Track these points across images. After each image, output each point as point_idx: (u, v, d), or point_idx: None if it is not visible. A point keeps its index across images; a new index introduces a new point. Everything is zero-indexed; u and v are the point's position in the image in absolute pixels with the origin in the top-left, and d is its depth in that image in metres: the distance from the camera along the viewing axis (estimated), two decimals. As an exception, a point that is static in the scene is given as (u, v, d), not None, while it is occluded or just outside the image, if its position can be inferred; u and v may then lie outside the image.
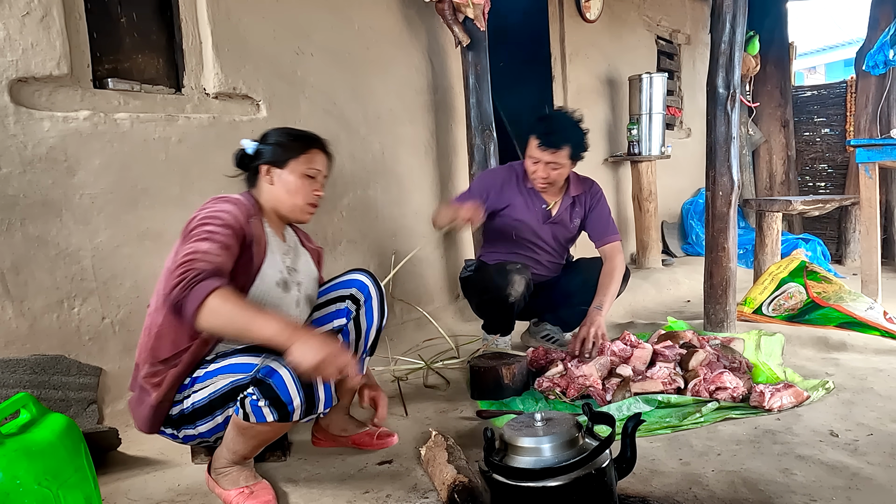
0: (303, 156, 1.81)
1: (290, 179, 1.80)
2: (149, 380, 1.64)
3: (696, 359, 2.38)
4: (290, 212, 1.84)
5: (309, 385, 1.51)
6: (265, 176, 1.81)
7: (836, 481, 1.65)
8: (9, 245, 2.11)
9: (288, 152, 1.81)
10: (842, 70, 14.60)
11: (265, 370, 1.51)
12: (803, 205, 4.27)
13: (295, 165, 1.80)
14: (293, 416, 1.53)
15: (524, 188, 2.88)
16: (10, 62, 2.11)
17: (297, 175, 1.80)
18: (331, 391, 1.58)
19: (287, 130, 1.89)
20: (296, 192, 1.81)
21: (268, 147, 1.82)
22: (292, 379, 1.50)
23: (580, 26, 4.85)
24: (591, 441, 1.35)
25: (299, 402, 1.51)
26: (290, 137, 1.84)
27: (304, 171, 1.81)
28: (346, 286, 1.95)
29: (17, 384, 2.01)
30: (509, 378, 2.38)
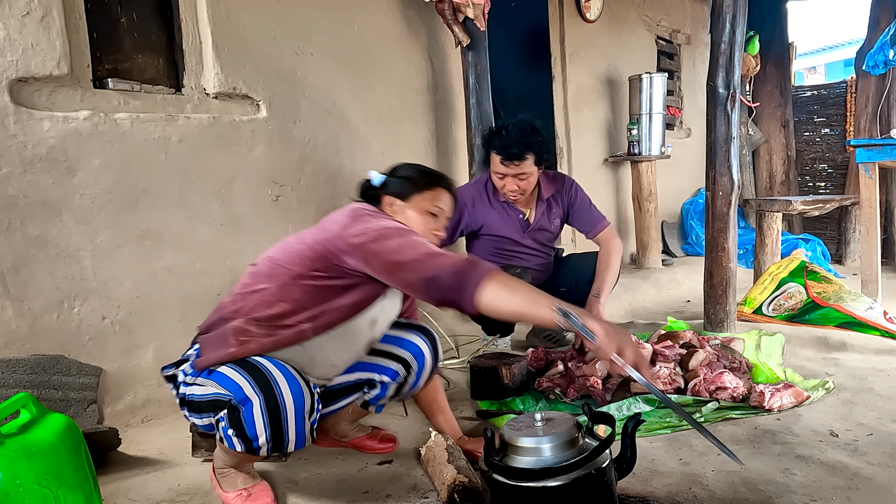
0: (428, 192, 1.77)
1: (412, 215, 1.76)
2: (237, 335, 1.58)
3: (696, 359, 2.38)
4: None
5: (278, 423, 1.45)
6: (388, 207, 1.78)
7: (836, 481, 1.65)
8: (9, 245, 2.11)
9: (413, 187, 1.77)
10: (842, 70, 14.60)
11: (240, 397, 1.46)
12: (803, 205, 4.27)
13: (419, 200, 1.76)
14: (259, 452, 1.49)
15: (496, 202, 2.84)
16: (10, 62, 2.11)
17: (420, 211, 1.76)
18: (304, 432, 1.51)
19: (417, 165, 1.87)
20: (416, 227, 1.72)
21: (395, 179, 1.80)
22: (262, 414, 1.44)
23: (580, 26, 4.85)
24: (591, 441, 1.35)
25: (265, 440, 1.46)
26: (418, 172, 1.82)
27: (428, 207, 1.76)
28: (405, 347, 1.86)
29: (17, 384, 2.02)
30: (509, 378, 2.38)
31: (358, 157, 3.32)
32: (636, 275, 4.78)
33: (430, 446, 1.81)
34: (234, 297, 1.68)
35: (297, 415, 1.48)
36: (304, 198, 3.04)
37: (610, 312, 3.80)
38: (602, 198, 5.17)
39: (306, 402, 1.51)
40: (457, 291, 1.41)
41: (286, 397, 1.47)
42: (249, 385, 1.47)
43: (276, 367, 1.52)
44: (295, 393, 1.48)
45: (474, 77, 3.54)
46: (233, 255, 2.73)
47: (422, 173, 1.82)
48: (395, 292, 1.80)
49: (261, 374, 1.49)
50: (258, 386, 1.46)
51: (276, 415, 1.45)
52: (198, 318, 2.54)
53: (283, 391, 1.47)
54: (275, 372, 1.50)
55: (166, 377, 1.74)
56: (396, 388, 1.88)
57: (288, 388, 1.48)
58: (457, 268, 1.42)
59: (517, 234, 2.87)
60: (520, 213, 2.87)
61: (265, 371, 1.50)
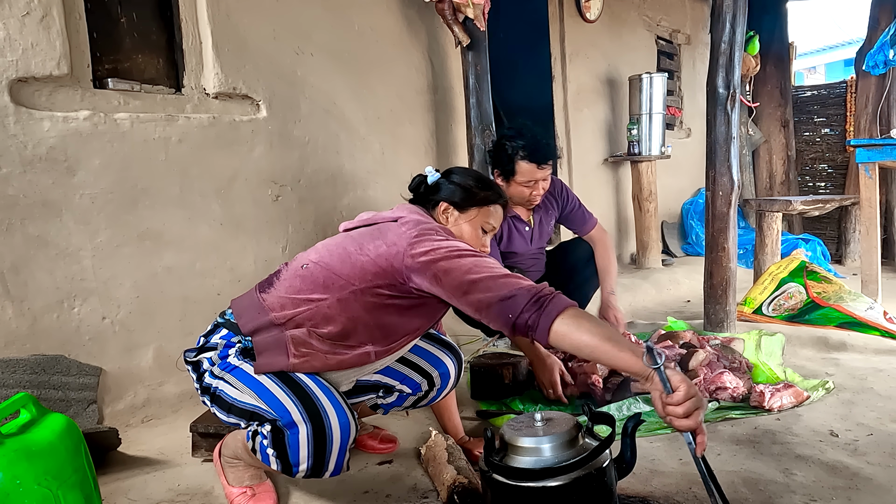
0: (487, 207, 1.73)
1: (466, 227, 1.72)
2: (297, 346, 1.52)
3: (696, 359, 2.38)
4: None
5: (322, 452, 1.43)
6: (442, 213, 1.73)
7: (836, 481, 1.65)
8: (9, 245, 2.11)
9: (474, 199, 1.72)
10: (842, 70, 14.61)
11: (286, 420, 1.43)
12: (803, 205, 4.27)
13: (476, 214, 1.72)
14: (296, 475, 1.47)
15: (506, 220, 2.78)
16: (10, 62, 2.11)
17: (475, 225, 1.72)
18: (342, 462, 1.48)
19: (475, 173, 1.81)
20: (467, 240, 1.67)
21: (453, 185, 1.74)
22: (308, 442, 1.42)
23: (580, 26, 4.85)
24: (591, 441, 1.35)
25: (306, 467, 1.44)
26: (480, 185, 1.75)
27: (483, 222, 1.73)
28: (433, 364, 1.83)
29: (17, 384, 2.02)
30: (509, 378, 2.38)
31: (358, 157, 3.32)
32: (636, 275, 4.78)
33: (430, 446, 1.81)
34: (282, 300, 1.57)
35: (341, 447, 1.45)
36: (304, 198, 3.04)
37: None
38: (602, 198, 5.17)
39: (351, 435, 1.48)
40: (535, 313, 1.31)
41: (334, 431, 1.43)
42: (297, 410, 1.43)
43: (325, 393, 1.48)
44: (343, 426, 1.45)
45: (474, 77, 3.54)
46: (233, 255, 2.73)
47: (482, 185, 1.75)
48: None
49: (309, 400, 1.45)
50: (307, 413, 1.43)
51: (322, 446, 1.43)
52: (198, 318, 2.56)
53: (332, 424, 1.43)
54: (323, 400, 1.46)
55: (189, 362, 1.65)
56: (414, 401, 1.86)
57: (337, 421, 1.44)
58: (536, 290, 1.33)
59: (526, 247, 2.88)
60: (525, 225, 2.87)
61: (314, 398, 1.46)
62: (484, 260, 1.45)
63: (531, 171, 2.58)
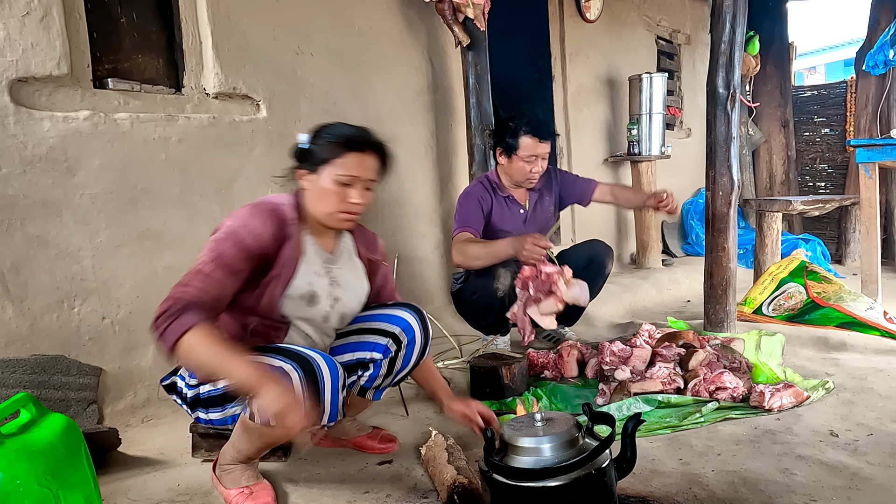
0: (338, 160, 1.66)
1: (320, 186, 1.67)
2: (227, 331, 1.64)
3: (696, 359, 2.38)
4: (325, 220, 1.72)
5: (316, 394, 1.49)
6: (300, 180, 1.72)
7: (836, 481, 1.65)
8: (9, 245, 2.11)
9: (322, 156, 1.67)
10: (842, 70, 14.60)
11: (277, 372, 1.48)
12: (803, 205, 4.27)
13: (328, 170, 1.66)
14: None
15: (500, 198, 2.90)
16: (10, 62, 2.11)
17: (329, 181, 1.66)
18: (337, 406, 1.55)
19: (331, 130, 1.71)
20: (325, 199, 1.67)
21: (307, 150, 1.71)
22: (301, 384, 1.47)
23: (580, 26, 4.85)
24: (591, 441, 1.35)
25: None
26: (328, 139, 1.68)
27: (337, 177, 1.66)
28: (393, 322, 1.83)
29: (17, 384, 2.02)
30: (509, 378, 2.38)
31: (358, 157, 3.31)
32: (636, 275, 4.78)
33: (430, 446, 1.81)
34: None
35: (332, 388, 1.52)
36: (304, 198, 3.03)
37: (610, 313, 3.81)
38: (602, 198, 5.16)
39: (340, 376, 1.55)
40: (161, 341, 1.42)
41: (324, 371, 1.51)
42: (284, 361, 1.50)
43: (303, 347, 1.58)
44: (330, 367, 1.53)
45: (474, 77, 3.54)
46: (233, 255, 2.73)
47: (331, 139, 1.68)
48: (320, 261, 1.75)
49: (292, 352, 1.52)
50: (294, 361, 1.49)
51: (315, 385, 1.49)
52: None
53: (320, 365, 1.51)
54: (304, 350, 1.55)
55: (166, 387, 1.75)
56: (389, 364, 1.85)
57: (324, 362, 1.52)
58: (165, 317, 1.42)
59: (519, 227, 2.92)
60: (521, 206, 2.92)
61: (295, 350, 1.54)
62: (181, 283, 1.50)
63: (533, 145, 2.74)
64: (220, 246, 1.55)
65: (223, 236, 1.57)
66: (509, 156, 2.81)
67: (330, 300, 1.76)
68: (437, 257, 3.82)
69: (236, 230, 1.58)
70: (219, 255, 1.54)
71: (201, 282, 1.50)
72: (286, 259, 1.64)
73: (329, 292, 1.75)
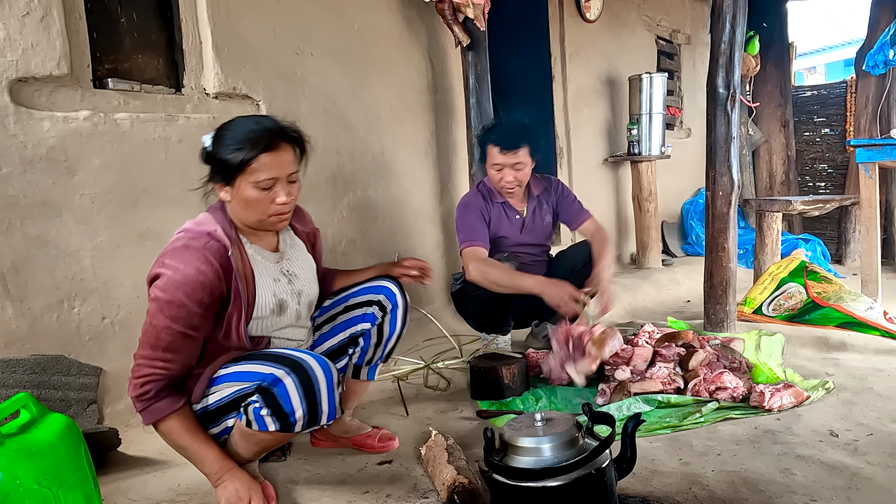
0: (251, 166, 1.56)
1: (242, 196, 1.59)
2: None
3: (696, 359, 2.38)
4: (257, 227, 1.66)
5: (313, 397, 1.51)
6: (219, 193, 1.64)
7: (836, 481, 1.65)
8: (9, 245, 2.11)
9: (232, 166, 1.56)
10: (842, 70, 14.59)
11: (270, 379, 1.50)
12: (803, 205, 4.27)
13: (244, 180, 1.57)
14: (295, 427, 1.53)
15: (495, 204, 2.90)
16: (10, 62, 2.10)
17: (249, 190, 1.58)
18: (335, 404, 1.57)
19: (233, 133, 1.59)
20: (251, 207, 1.60)
21: (214, 162, 1.61)
22: (297, 389, 1.49)
23: (580, 26, 4.85)
24: (591, 441, 1.35)
25: (302, 413, 1.51)
26: (233, 146, 1.57)
27: (255, 184, 1.57)
28: (376, 292, 1.91)
29: (17, 384, 2.01)
30: (509, 378, 2.38)
31: (358, 157, 3.32)
32: (636, 275, 4.78)
33: (430, 446, 1.81)
34: None
35: (328, 388, 1.54)
36: (304, 198, 2.99)
37: (611, 312, 3.80)
38: (602, 198, 5.17)
39: (334, 374, 1.56)
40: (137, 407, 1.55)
41: (317, 373, 1.52)
42: (276, 368, 1.51)
43: (293, 350, 1.59)
44: (323, 367, 1.54)
45: (474, 77, 3.54)
46: (233, 255, 2.73)
47: (235, 147, 1.56)
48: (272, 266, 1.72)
49: (283, 357, 1.54)
50: (287, 367, 1.50)
51: (311, 388, 1.50)
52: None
53: (312, 367, 1.52)
54: (295, 353, 1.56)
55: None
56: (377, 332, 1.91)
57: (317, 364, 1.53)
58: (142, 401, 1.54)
59: (515, 233, 2.90)
60: (517, 212, 2.91)
61: (286, 355, 1.55)
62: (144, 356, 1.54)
63: (495, 154, 2.74)
64: (171, 310, 1.50)
65: (169, 297, 1.50)
66: (482, 163, 2.84)
67: (295, 298, 1.77)
68: (437, 257, 3.82)
69: (180, 285, 1.50)
70: (172, 319, 1.51)
71: (164, 353, 1.53)
72: (241, 288, 1.60)
73: (290, 290, 1.76)
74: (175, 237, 1.62)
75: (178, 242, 1.58)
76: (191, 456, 1.59)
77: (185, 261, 1.52)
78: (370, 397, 2.49)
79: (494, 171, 2.78)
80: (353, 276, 2.02)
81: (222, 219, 1.64)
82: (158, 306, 1.51)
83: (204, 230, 1.60)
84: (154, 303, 1.53)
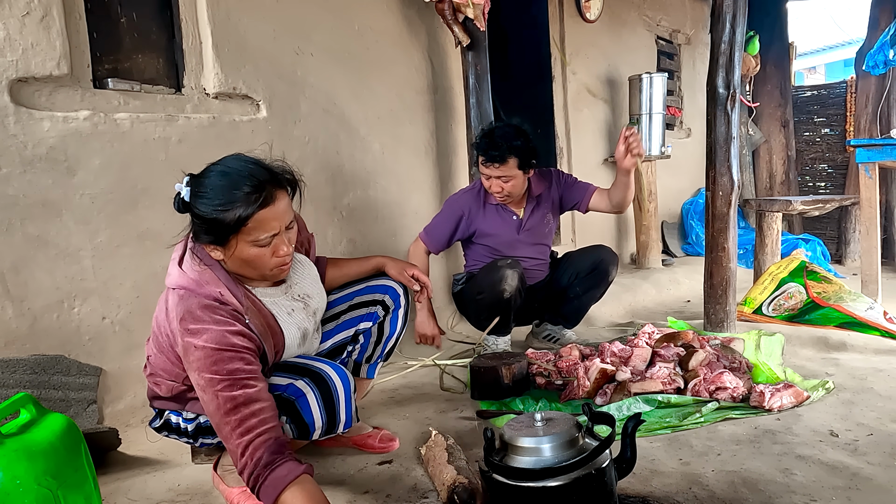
0: (246, 227, 1.43)
1: (240, 257, 1.48)
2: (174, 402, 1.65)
3: (696, 359, 2.38)
4: (262, 279, 1.58)
5: (332, 407, 1.53)
6: (215, 253, 1.50)
7: (836, 481, 1.65)
8: (9, 245, 2.11)
9: (223, 229, 1.43)
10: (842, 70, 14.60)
11: (292, 390, 1.52)
12: (803, 205, 4.27)
13: (240, 240, 1.46)
14: (313, 436, 1.56)
15: (490, 206, 2.89)
16: (10, 62, 2.10)
17: (248, 250, 1.47)
18: (352, 413, 1.59)
19: (219, 190, 1.43)
20: (252, 265, 1.50)
21: (198, 219, 1.46)
22: (317, 402, 1.51)
23: (580, 26, 4.85)
24: (591, 441, 1.35)
25: (321, 424, 1.53)
26: (219, 208, 1.42)
27: (253, 243, 1.46)
28: (381, 291, 1.94)
29: (17, 384, 2.02)
30: (509, 378, 2.38)
31: (358, 157, 3.32)
32: (636, 275, 4.78)
33: (430, 446, 1.81)
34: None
35: (346, 399, 1.55)
36: (304, 198, 3.02)
37: (610, 313, 3.81)
38: (602, 198, 5.16)
39: (351, 383, 1.57)
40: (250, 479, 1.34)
41: (338, 386, 1.53)
42: (293, 378, 1.51)
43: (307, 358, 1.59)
44: (342, 378, 1.55)
45: (474, 77, 3.54)
46: (233, 255, 2.73)
47: (223, 209, 1.41)
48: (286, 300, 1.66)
49: (300, 367, 1.54)
50: (306, 377, 1.51)
51: (330, 400, 1.51)
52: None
53: (333, 380, 1.53)
54: (313, 363, 1.56)
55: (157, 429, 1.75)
56: (378, 330, 1.92)
57: (336, 376, 1.54)
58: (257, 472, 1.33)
59: (511, 234, 2.90)
60: (513, 214, 2.90)
61: (303, 365, 1.56)
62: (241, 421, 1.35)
63: (482, 165, 2.76)
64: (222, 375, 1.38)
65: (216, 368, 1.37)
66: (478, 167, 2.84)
67: (311, 319, 1.75)
68: (438, 257, 3.81)
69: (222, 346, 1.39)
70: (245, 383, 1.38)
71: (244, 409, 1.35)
72: (270, 333, 1.56)
73: (306, 314, 1.71)
74: (176, 294, 1.48)
75: (188, 302, 1.44)
76: None
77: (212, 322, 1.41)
78: (371, 397, 2.49)
79: (484, 178, 2.79)
80: (346, 268, 1.98)
81: (223, 276, 1.51)
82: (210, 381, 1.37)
83: (209, 293, 1.47)
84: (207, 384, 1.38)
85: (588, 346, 2.83)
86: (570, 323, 3.13)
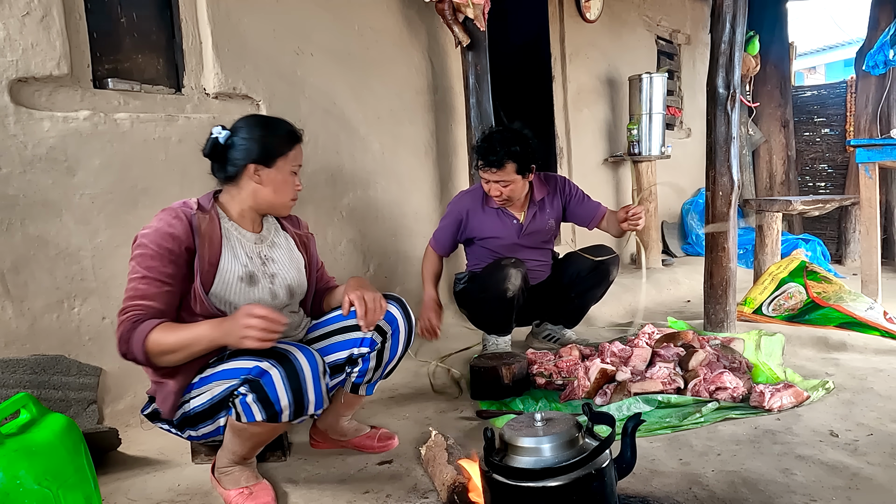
0: (291, 153, 1.78)
1: (279, 178, 1.77)
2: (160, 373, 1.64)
3: (696, 359, 2.38)
4: (275, 209, 1.83)
5: (298, 386, 1.51)
6: (253, 175, 1.75)
7: (836, 481, 1.65)
8: (9, 245, 2.11)
9: (277, 150, 1.76)
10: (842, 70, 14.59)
11: (256, 371, 1.51)
12: (803, 205, 4.27)
13: (283, 164, 1.77)
14: (282, 417, 1.53)
15: (490, 208, 2.88)
16: (10, 62, 2.10)
17: (286, 173, 1.78)
18: (321, 394, 1.57)
19: (266, 124, 1.80)
20: (282, 189, 1.79)
21: (248, 143, 1.74)
22: (282, 380, 1.50)
23: (580, 26, 4.85)
24: (591, 441, 1.35)
25: (287, 403, 1.51)
26: (274, 134, 1.78)
27: (292, 168, 1.79)
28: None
29: (17, 384, 2.02)
30: (509, 378, 2.38)
31: (358, 157, 3.32)
32: (636, 275, 4.78)
33: (430, 446, 1.81)
34: None
35: (314, 379, 1.54)
36: (304, 198, 3.03)
37: (610, 313, 3.80)
38: (602, 198, 5.13)
39: (319, 365, 1.57)
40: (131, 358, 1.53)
41: (303, 364, 1.52)
42: (260, 360, 1.52)
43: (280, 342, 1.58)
44: (309, 358, 1.54)
45: (474, 77, 3.54)
46: (233, 255, 2.73)
47: (278, 133, 1.78)
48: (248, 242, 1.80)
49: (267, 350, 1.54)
50: (272, 358, 1.51)
51: (296, 378, 1.51)
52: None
53: (298, 358, 1.53)
54: (281, 346, 1.56)
55: (148, 416, 1.75)
56: (377, 357, 1.88)
57: (302, 355, 1.54)
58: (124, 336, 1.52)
59: (512, 237, 2.89)
60: (514, 217, 2.88)
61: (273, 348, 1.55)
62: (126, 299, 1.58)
63: (481, 171, 2.76)
64: (144, 260, 1.60)
65: (141, 250, 1.61)
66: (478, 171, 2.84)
67: (268, 278, 1.79)
68: (437, 257, 3.81)
69: (151, 236, 1.62)
70: (146, 269, 1.59)
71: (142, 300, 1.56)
72: (206, 249, 1.67)
73: (263, 270, 1.79)
74: None
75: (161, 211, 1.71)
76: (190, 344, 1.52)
77: (157, 219, 1.66)
78: (370, 397, 2.48)
79: (483, 182, 2.79)
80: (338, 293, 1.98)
81: (204, 198, 1.79)
82: (134, 261, 1.61)
83: (179, 203, 1.74)
84: (132, 261, 1.62)
85: (588, 346, 2.83)
86: (571, 323, 3.13)
